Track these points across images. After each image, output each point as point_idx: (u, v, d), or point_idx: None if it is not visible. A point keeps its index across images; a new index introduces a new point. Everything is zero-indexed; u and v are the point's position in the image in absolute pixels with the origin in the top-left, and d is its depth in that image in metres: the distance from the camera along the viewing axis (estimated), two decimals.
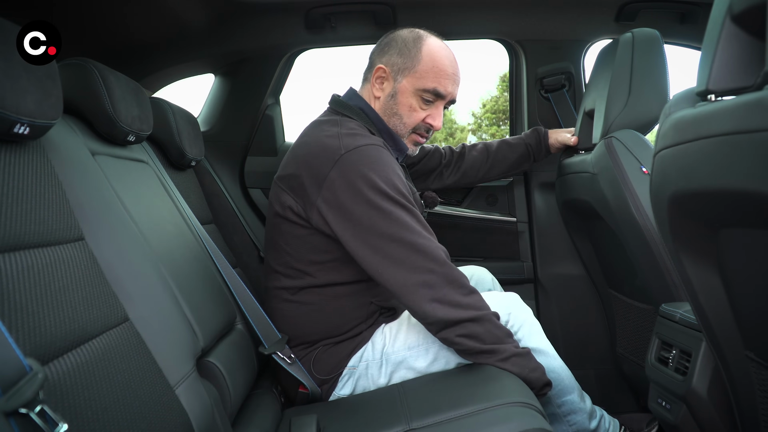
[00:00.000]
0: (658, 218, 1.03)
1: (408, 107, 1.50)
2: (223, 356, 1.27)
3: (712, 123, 0.80)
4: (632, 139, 1.61)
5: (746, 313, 0.95)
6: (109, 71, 1.27)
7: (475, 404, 1.16)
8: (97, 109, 1.22)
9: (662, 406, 1.33)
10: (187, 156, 1.78)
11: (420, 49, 1.48)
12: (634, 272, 1.70)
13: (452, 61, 1.51)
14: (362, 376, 1.43)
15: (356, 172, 1.32)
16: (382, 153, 1.38)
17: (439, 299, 1.29)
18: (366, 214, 1.31)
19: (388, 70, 1.50)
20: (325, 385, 1.44)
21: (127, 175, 1.27)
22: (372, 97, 1.54)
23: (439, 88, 1.48)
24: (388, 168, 1.36)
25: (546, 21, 2.20)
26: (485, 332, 1.31)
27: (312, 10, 2.07)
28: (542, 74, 2.30)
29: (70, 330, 0.77)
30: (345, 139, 1.37)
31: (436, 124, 1.53)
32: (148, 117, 1.42)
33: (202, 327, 1.21)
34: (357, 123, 1.48)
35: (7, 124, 0.75)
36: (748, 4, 0.77)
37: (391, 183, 1.33)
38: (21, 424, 0.57)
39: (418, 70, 1.47)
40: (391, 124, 1.52)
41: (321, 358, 1.44)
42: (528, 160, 2.03)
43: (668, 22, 2.17)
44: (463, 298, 1.31)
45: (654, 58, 1.67)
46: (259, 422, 1.27)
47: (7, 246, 0.73)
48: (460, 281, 1.32)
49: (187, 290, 1.21)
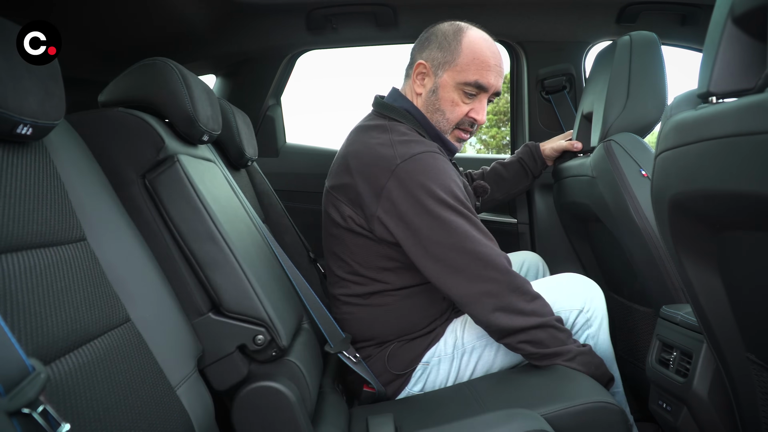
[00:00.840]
0: (659, 220, 1.03)
1: (450, 102, 1.47)
2: (301, 355, 1.26)
3: (714, 125, 0.80)
4: (631, 142, 1.61)
5: (747, 315, 0.95)
6: (187, 71, 1.26)
7: (556, 403, 1.18)
8: (178, 109, 1.22)
9: (663, 407, 1.33)
10: (245, 156, 1.79)
11: (460, 41, 1.46)
12: (634, 275, 1.70)
13: (494, 53, 1.48)
14: (433, 371, 1.44)
15: (414, 181, 1.31)
16: (437, 160, 1.36)
17: (502, 308, 1.29)
18: (426, 224, 1.30)
19: (428, 65, 1.47)
20: (396, 381, 1.44)
21: (204, 175, 1.27)
22: (414, 94, 1.51)
23: (480, 80, 1.45)
24: (445, 175, 1.35)
25: (547, 22, 2.21)
26: (549, 337, 1.31)
27: (313, 11, 2.07)
28: (543, 75, 2.30)
29: (72, 330, 0.78)
30: (399, 147, 1.36)
31: (479, 118, 1.49)
32: (218, 117, 1.42)
33: (284, 326, 1.20)
34: (406, 127, 1.45)
35: (9, 125, 0.75)
36: (749, 6, 0.77)
37: (449, 190, 1.33)
38: (23, 424, 0.57)
39: (458, 63, 1.44)
40: (434, 120, 1.49)
41: (396, 354, 1.44)
42: (525, 176, 1.99)
43: (669, 24, 2.17)
44: (526, 305, 1.30)
45: (652, 61, 1.67)
46: (335, 421, 1.27)
47: (10, 246, 0.73)
48: (523, 288, 1.32)
49: (267, 290, 1.21)
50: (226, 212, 1.25)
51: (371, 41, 2.25)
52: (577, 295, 1.47)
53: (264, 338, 1.15)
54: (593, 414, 1.17)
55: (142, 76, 1.24)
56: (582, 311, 1.45)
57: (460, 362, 1.45)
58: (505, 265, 1.32)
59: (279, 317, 1.19)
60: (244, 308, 1.15)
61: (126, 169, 1.11)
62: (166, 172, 1.13)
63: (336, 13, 2.10)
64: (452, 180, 1.35)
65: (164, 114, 1.23)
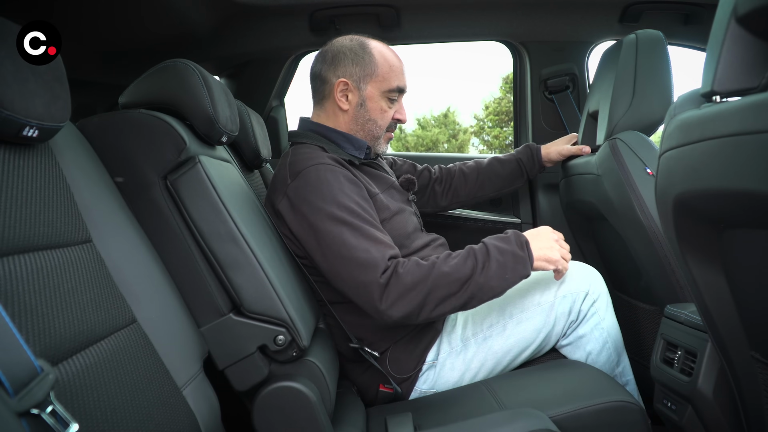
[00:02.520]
0: (663, 219, 1.03)
1: (379, 110, 1.55)
2: (320, 356, 1.27)
3: (718, 124, 0.80)
4: (636, 140, 1.61)
5: (752, 313, 0.95)
6: (206, 73, 1.27)
7: (574, 402, 1.19)
8: (199, 110, 1.22)
9: (667, 406, 1.33)
10: (260, 157, 1.80)
11: (371, 53, 1.52)
12: (639, 273, 1.70)
13: (399, 58, 1.58)
14: (443, 368, 1.46)
15: (299, 198, 1.38)
16: (321, 171, 1.39)
17: (392, 302, 1.28)
18: (311, 236, 1.36)
19: (349, 82, 1.52)
20: (405, 383, 1.45)
21: (223, 176, 1.27)
22: (338, 111, 1.55)
23: (401, 84, 1.55)
24: (328, 185, 1.37)
25: (550, 22, 2.21)
26: (448, 284, 1.29)
27: (316, 12, 2.07)
28: (546, 76, 2.30)
29: (79, 331, 0.78)
30: (291, 167, 1.43)
31: (403, 118, 1.60)
32: (236, 118, 1.43)
33: (304, 326, 1.20)
34: (307, 146, 1.51)
35: (16, 127, 0.75)
36: (753, 6, 0.77)
37: (332, 200, 1.35)
38: (32, 424, 0.57)
39: (378, 73, 1.52)
40: (366, 130, 1.55)
41: (397, 358, 1.45)
42: (521, 176, 1.98)
43: (672, 23, 2.17)
44: (409, 285, 1.28)
45: (658, 59, 1.67)
46: (354, 422, 1.27)
47: (17, 248, 0.73)
48: (404, 278, 1.29)
49: (287, 291, 1.21)
50: (245, 213, 1.26)
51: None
52: (580, 279, 1.48)
53: (285, 338, 1.15)
54: (613, 413, 1.19)
55: (162, 77, 1.24)
56: (588, 294, 1.47)
57: (469, 355, 1.45)
58: (381, 265, 1.29)
59: (299, 317, 1.19)
60: (265, 309, 1.15)
61: (147, 171, 1.11)
62: (188, 173, 1.14)
63: (339, 14, 2.10)
64: (337, 189, 1.37)
65: (185, 115, 1.23)
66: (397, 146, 26.88)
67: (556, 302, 1.46)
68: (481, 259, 1.31)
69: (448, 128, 27.03)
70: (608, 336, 1.46)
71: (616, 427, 1.18)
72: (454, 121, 27.32)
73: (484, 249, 1.33)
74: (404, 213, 1.56)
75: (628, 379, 1.49)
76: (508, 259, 1.31)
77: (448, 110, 27.30)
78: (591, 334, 1.46)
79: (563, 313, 1.46)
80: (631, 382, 1.49)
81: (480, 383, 1.40)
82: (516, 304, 1.48)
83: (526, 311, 1.47)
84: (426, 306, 1.28)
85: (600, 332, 1.46)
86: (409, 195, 1.68)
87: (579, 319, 1.46)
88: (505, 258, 1.31)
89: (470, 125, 27.61)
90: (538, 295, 1.48)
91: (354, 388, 1.50)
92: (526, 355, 1.48)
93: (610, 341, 1.46)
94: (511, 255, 1.32)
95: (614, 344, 1.47)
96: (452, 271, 1.29)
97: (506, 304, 1.49)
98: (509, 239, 1.36)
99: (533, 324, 1.46)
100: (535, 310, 1.46)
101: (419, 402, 1.40)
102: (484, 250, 1.33)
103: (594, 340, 1.46)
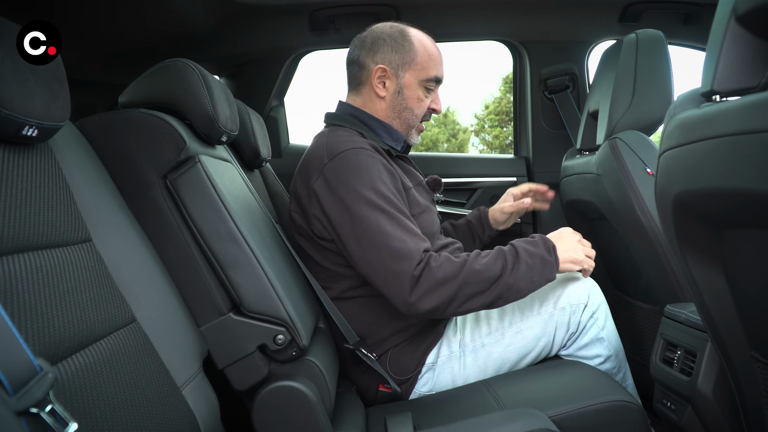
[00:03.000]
0: (663, 218, 1.03)
1: (416, 99, 1.53)
2: (320, 355, 1.26)
3: (718, 123, 0.80)
4: (636, 140, 1.61)
5: (751, 313, 0.95)
6: (206, 72, 1.27)
7: (573, 402, 1.19)
8: (199, 109, 1.22)
9: (667, 406, 1.33)
10: (260, 156, 1.80)
11: (411, 41, 1.51)
12: (639, 273, 1.70)
13: (437, 46, 1.56)
14: (442, 371, 1.45)
15: (337, 180, 1.34)
16: (361, 155, 1.37)
17: (421, 294, 1.27)
18: (346, 220, 1.33)
19: (387, 68, 1.50)
20: (404, 385, 1.45)
21: (223, 175, 1.27)
22: (375, 98, 1.53)
23: (439, 75, 1.54)
24: (367, 171, 1.36)
25: (550, 22, 2.21)
26: (480, 281, 1.29)
27: (316, 12, 2.07)
28: (546, 75, 2.30)
29: (79, 330, 0.78)
30: (329, 148, 1.40)
31: (439, 108, 1.59)
32: (236, 117, 1.42)
33: (304, 325, 1.20)
34: (345, 129, 1.49)
35: (15, 127, 0.75)
36: (752, 5, 0.77)
37: (370, 186, 1.33)
38: (32, 423, 0.57)
39: (417, 62, 1.50)
40: (402, 118, 1.54)
41: (397, 360, 1.45)
42: (472, 240, 1.86)
43: (672, 23, 2.17)
44: (438, 274, 1.28)
45: (658, 58, 1.67)
46: (353, 421, 1.27)
47: (16, 247, 0.73)
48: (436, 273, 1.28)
49: (287, 290, 1.21)
50: (245, 212, 1.26)
51: None
52: (579, 291, 1.48)
53: (284, 338, 1.15)
54: (612, 413, 1.18)
55: (162, 77, 1.24)
56: (587, 305, 1.46)
57: (467, 361, 1.45)
58: (416, 257, 1.29)
59: (299, 317, 1.19)
60: (265, 308, 1.15)
61: (147, 170, 1.11)
62: (188, 172, 1.14)
63: (339, 13, 2.10)
64: (375, 176, 1.36)
65: (184, 115, 1.23)
66: None
67: (556, 313, 1.45)
68: (511, 260, 1.31)
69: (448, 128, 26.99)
70: (609, 345, 1.46)
71: (616, 426, 1.18)
72: (454, 120, 27.29)
73: (514, 251, 1.33)
74: (431, 212, 1.56)
75: (627, 384, 1.49)
76: (536, 262, 1.32)
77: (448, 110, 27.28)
78: (591, 345, 1.46)
79: (562, 324, 1.45)
80: (629, 387, 1.49)
81: (480, 383, 1.40)
82: (515, 313, 1.48)
83: (525, 320, 1.47)
84: (454, 301, 1.28)
85: (600, 342, 1.46)
86: (434, 195, 1.67)
87: (579, 331, 1.46)
88: (534, 261, 1.32)
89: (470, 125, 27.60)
90: (537, 305, 1.48)
91: (354, 387, 1.50)
92: (524, 364, 1.48)
93: (612, 351, 1.46)
94: (540, 258, 1.33)
95: (615, 353, 1.47)
96: (483, 269, 1.29)
97: (506, 312, 1.49)
98: (537, 243, 1.36)
99: (532, 333, 1.46)
100: (534, 320, 1.46)
101: (419, 402, 1.40)
102: (514, 251, 1.33)
103: (595, 351, 1.45)
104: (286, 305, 1.16)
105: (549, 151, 2.36)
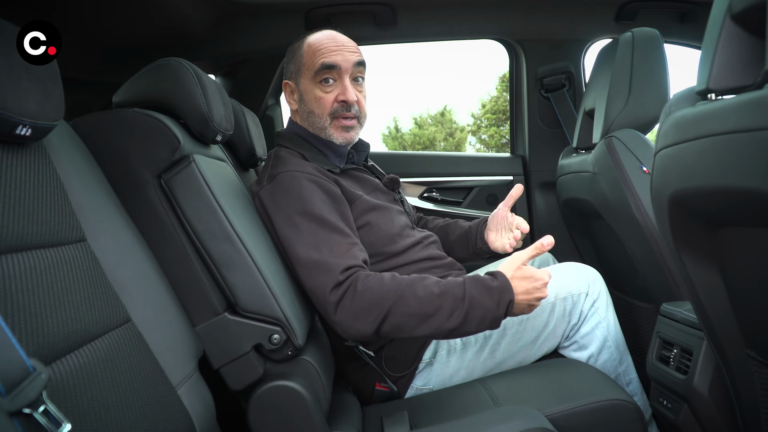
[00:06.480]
0: (659, 217, 1.03)
1: (314, 98, 1.49)
2: (315, 355, 1.26)
3: (713, 122, 0.80)
4: (633, 138, 1.61)
5: (747, 311, 0.95)
6: (201, 71, 1.26)
7: (569, 401, 1.20)
8: (193, 109, 1.22)
9: (663, 405, 1.33)
10: (255, 155, 1.80)
11: (301, 46, 1.52)
12: (635, 271, 1.70)
13: (332, 37, 1.50)
14: (441, 367, 1.45)
15: (271, 200, 1.37)
16: (294, 179, 1.37)
17: (345, 316, 1.24)
18: (277, 238, 1.35)
19: (290, 81, 1.54)
20: (401, 381, 1.44)
21: (218, 175, 1.27)
22: (294, 112, 1.57)
23: (326, 61, 1.45)
24: (296, 195, 1.35)
25: (546, 21, 2.21)
26: (409, 315, 1.22)
27: (312, 11, 2.07)
28: (542, 74, 2.30)
29: (73, 330, 0.78)
30: (268, 171, 1.43)
31: (349, 97, 1.47)
32: (231, 117, 1.42)
33: (299, 325, 1.20)
34: (287, 150, 1.50)
35: (9, 126, 0.75)
36: (747, 3, 0.77)
37: (298, 209, 1.34)
38: (25, 424, 0.57)
39: (305, 62, 1.49)
40: (311, 123, 1.51)
41: (393, 356, 1.44)
42: (466, 249, 1.78)
43: (668, 22, 2.18)
44: (363, 299, 1.23)
45: (654, 57, 1.68)
46: (350, 420, 1.27)
47: (10, 247, 0.73)
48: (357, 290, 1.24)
49: (282, 290, 1.21)
50: (239, 212, 1.25)
51: (370, 41, 2.25)
52: (580, 280, 1.48)
53: (280, 338, 1.15)
54: (609, 411, 1.19)
55: (157, 76, 1.24)
56: (588, 294, 1.46)
57: (468, 354, 1.45)
58: (334, 272, 1.26)
59: (294, 316, 1.19)
60: (260, 308, 1.15)
61: (142, 170, 1.10)
62: (182, 172, 1.13)
63: (335, 12, 2.10)
64: (308, 197, 1.35)
65: (179, 114, 1.22)
66: (394, 145, 26.87)
67: (557, 303, 1.45)
68: (449, 306, 1.22)
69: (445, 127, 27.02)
70: (609, 334, 1.46)
71: (612, 425, 1.18)
72: (451, 119, 27.32)
73: (461, 294, 1.23)
74: (390, 211, 1.53)
75: (632, 378, 1.48)
76: (477, 314, 1.22)
77: (445, 109, 27.30)
78: (592, 334, 1.46)
79: (564, 314, 1.45)
80: (634, 381, 1.49)
81: (476, 381, 1.40)
82: None
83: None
84: (384, 326, 1.24)
85: (601, 331, 1.46)
86: (395, 194, 1.66)
87: (580, 321, 1.46)
88: (476, 313, 1.22)
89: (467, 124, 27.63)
90: None
91: (350, 386, 1.50)
92: (528, 355, 1.48)
93: (611, 340, 1.46)
94: (483, 310, 1.22)
95: (616, 343, 1.47)
96: (416, 303, 1.23)
97: None
98: (493, 292, 1.23)
99: (533, 324, 1.45)
100: (535, 311, 1.45)
101: (415, 400, 1.40)
102: (461, 295, 1.23)
103: (596, 340, 1.45)
104: (281, 305, 1.16)
105: (545, 149, 2.36)
